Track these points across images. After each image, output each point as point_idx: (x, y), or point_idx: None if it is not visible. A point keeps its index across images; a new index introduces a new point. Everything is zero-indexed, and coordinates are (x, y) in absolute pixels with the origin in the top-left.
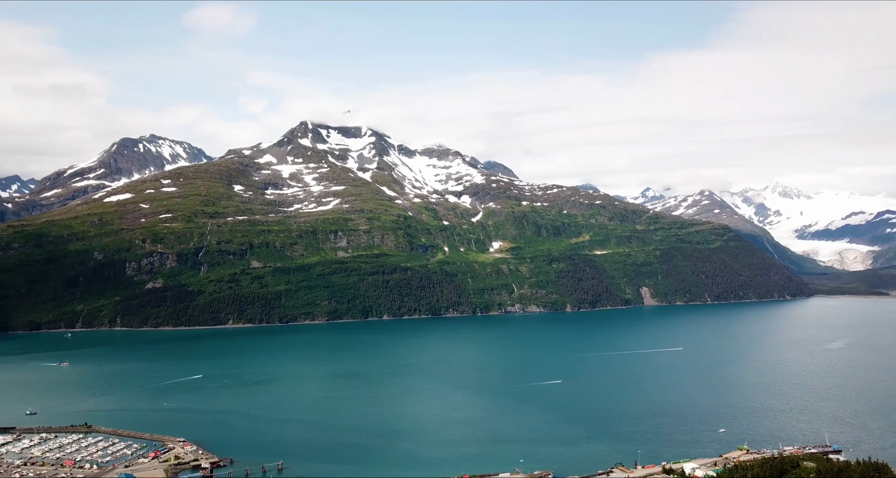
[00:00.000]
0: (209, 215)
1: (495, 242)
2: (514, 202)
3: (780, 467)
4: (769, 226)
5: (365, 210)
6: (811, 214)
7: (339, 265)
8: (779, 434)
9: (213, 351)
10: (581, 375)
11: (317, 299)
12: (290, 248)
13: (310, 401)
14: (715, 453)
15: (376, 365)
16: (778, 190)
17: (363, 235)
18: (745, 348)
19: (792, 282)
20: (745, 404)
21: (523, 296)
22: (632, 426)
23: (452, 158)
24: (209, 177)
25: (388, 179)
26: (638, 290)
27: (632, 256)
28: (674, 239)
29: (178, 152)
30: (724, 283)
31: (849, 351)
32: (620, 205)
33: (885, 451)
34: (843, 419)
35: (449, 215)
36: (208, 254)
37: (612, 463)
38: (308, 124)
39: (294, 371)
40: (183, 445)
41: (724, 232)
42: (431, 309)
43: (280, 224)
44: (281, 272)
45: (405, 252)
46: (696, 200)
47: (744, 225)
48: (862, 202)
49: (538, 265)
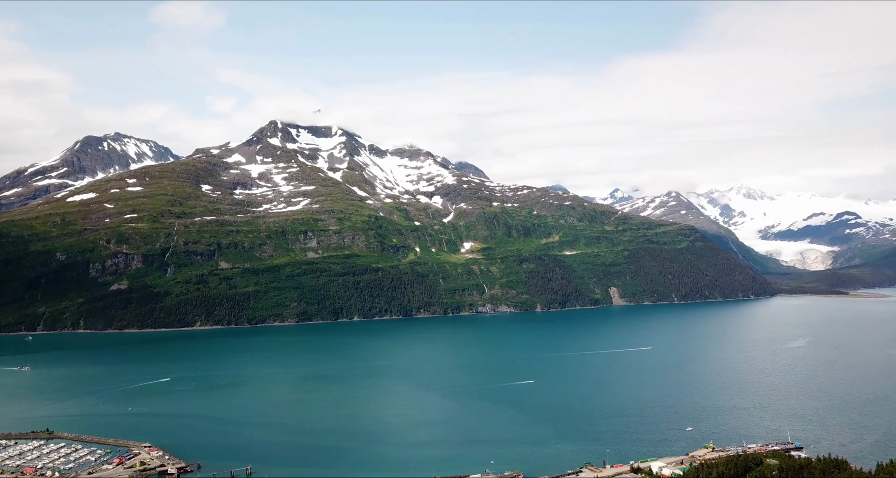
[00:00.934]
0: (176, 215)
1: (466, 243)
2: (485, 203)
3: (744, 464)
4: (734, 226)
5: (335, 210)
6: (774, 215)
7: (308, 266)
8: (743, 432)
9: (180, 354)
10: (553, 375)
11: (286, 301)
12: (260, 248)
13: (279, 404)
14: (682, 451)
15: (347, 367)
16: (742, 191)
17: (333, 236)
18: (712, 348)
19: (756, 282)
20: (711, 402)
21: (494, 296)
22: (601, 426)
23: (424, 158)
24: (176, 176)
25: (358, 179)
26: (607, 290)
27: (601, 256)
28: (642, 240)
29: (144, 151)
30: (691, 283)
31: (809, 349)
32: (589, 206)
33: (845, 447)
34: (805, 417)
35: (420, 216)
36: (175, 255)
37: (581, 463)
38: (277, 123)
39: (263, 373)
40: (149, 450)
41: (691, 233)
42: (402, 310)
43: (249, 224)
44: (250, 273)
45: (376, 253)
46: (664, 201)
47: (709, 226)
48: (822, 204)
49: (509, 266)
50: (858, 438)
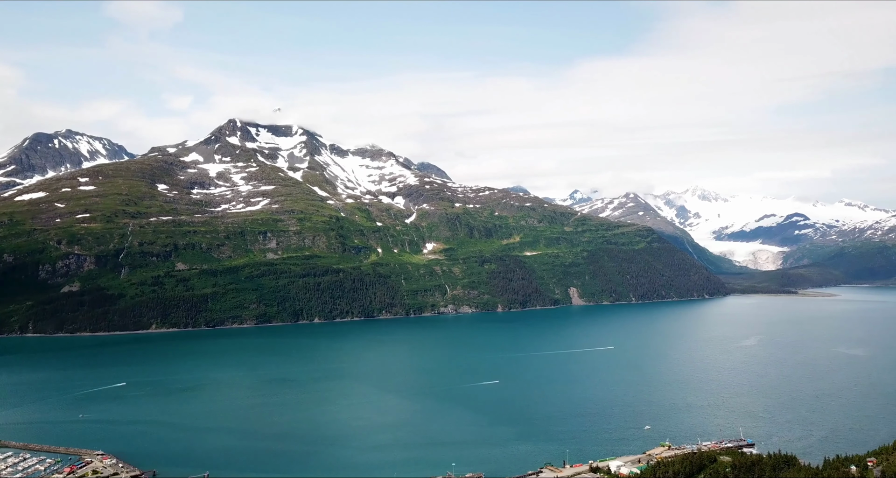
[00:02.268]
0: (131, 215)
1: (429, 244)
2: (447, 204)
3: (698, 462)
4: (689, 227)
5: (295, 211)
6: (728, 217)
7: (268, 267)
8: (698, 430)
9: (135, 357)
10: (518, 375)
11: (245, 302)
12: (217, 249)
13: (238, 408)
14: (639, 450)
15: (307, 369)
16: (697, 193)
17: (294, 237)
18: (669, 347)
19: (710, 282)
20: (668, 401)
21: (456, 297)
22: (562, 426)
23: (386, 158)
24: (131, 175)
25: (319, 178)
26: (566, 290)
27: (560, 257)
28: (600, 240)
29: (97, 149)
30: (648, 283)
31: (761, 348)
32: (550, 207)
33: (793, 443)
34: (756, 414)
35: (382, 216)
36: (130, 256)
37: (541, 463)
38: (236, 122)
39: (221, 377)
40: (101, 458)
41: (648, 234)
42: (364, 311)
43: (207, 225)
44: (207, 274)
45: (337, 254)
46: (622, 203)
47: (666, 227)
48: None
49: (470, 266)
50: (807, 434)
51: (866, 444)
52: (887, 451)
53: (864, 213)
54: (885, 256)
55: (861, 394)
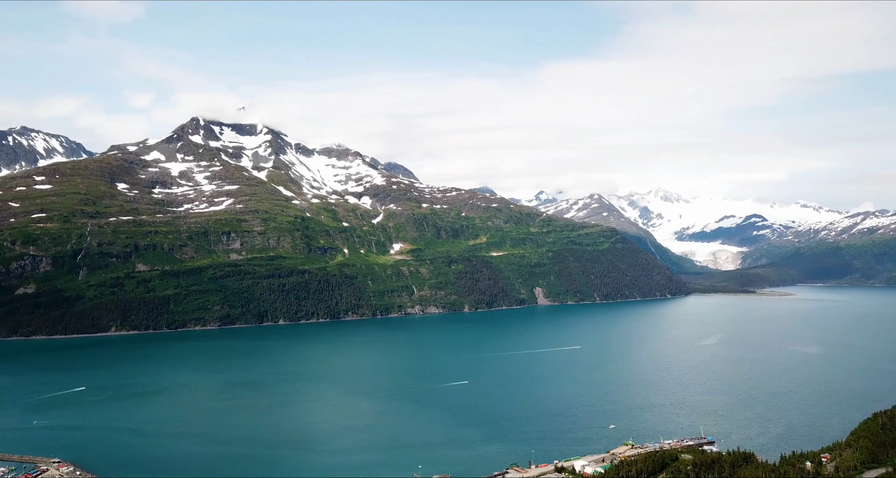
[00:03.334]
0: (89, 215)
1: (396, 244)
2: (414, 204)
3: (660, 461)
4: (652, 228)
5: (260, 211)
6: (689, 218)
7: (232, 268)
8: (660, 428)
9: (94, 361)
10: (487, 375)
11: (208, 304)
12: (180, 250)
13: (201, 412)
14: (603, 449)
15: (272, 372)
16: (660, 194)
17: (258, 237)
18: (632, 346)
19: (672, 282)
20: (631, 400)
21: (423, 297)
22: (528, 426)
23: (352, 158)
24: (89, 174)
25: (284, 178)
26: (532, 290)
27: (526, 257)
28: (565, 241)
29: (54, 147)
30: (612, 283)
31: (721, 347)
32: (516, 208)
33: (752, 440)
34: (716, 412)
35: (349, 217)
36: (88, 257)
37: (507, 464)
38: (199, 120)
39: (184, 381)
40: (58, 466)
41: (612, 234)
42: (330, 312)
43: (168, 225)
44: (169, 276)
45: (303, 254)
46: (587, 204)
47: (629, 227)
48: (733, 207)
49: (438, 267)
50: (764, 431)
51: (820, 440)
52: (840, 447)
53: (818, 214)
54: (838, 257)
55: (815, 391)
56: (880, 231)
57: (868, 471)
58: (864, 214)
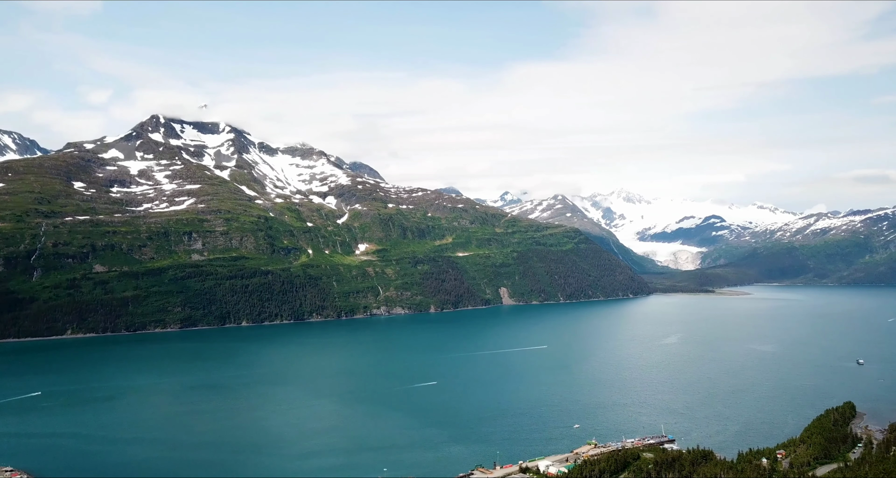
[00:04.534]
0: (44, 215)
1: (361, 245)
2: (380, 204)
3: (623, 460)
4: (614, 228)
5: (222, 210)
6: (650, 218)
7: (193, 269)
8: (622, 427)
9: (49, 365)
10: (456, 376)
11: (169, 305)
12: (139, 250)
13: (161, 417)
14: (567, 448)
15: (235, 375)
16: (623, 195)
17: (220, 237)
18: (596, 345)
19: (634, 281)
20: (594, 399)
21: (389, 298)
22: (493, 427)
23: (317, 157)
24: (44, 172)
25: (247, 177)
26: (497, 290)
27: (491, 257)
28: (530, 241)
29: (6, 144)
30: (575, 283)
31: (681, 346)
32: (481, 208)
33: (711, 438)
34: (677, 410)
35: (313, 217)
36: (43, 257)
37: (472, 465)
38: (160, 118)
39: (143, 385)
40: (11, 475)
41: (576, 235)
42: (294, 314)
43: (127, 225)
44: (128, 277)
45: (266, 255)
46: (551, 204)
47: (592, 228)
48: (692, 208)
49: (403, 267)
50: (723, 429)
51: (776, 437)
52: (794, 443)
53: (774, 215)
54: (793, 257)
55: (771, 389)
56: (832, 232)
57: (821, 467)
58: (817, 216)
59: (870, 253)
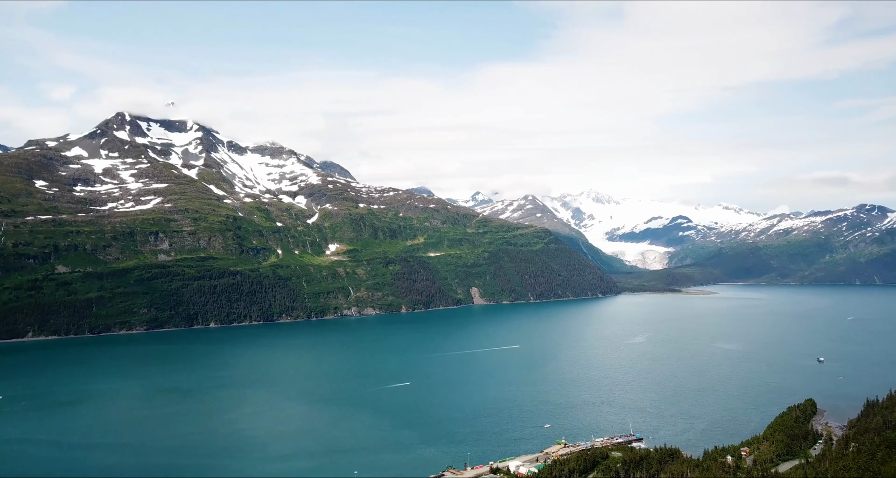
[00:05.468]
0: (4, 214)
1: (332, 245)
2: (351, 204)
3: (591, 459)
4: (584, 229)
5: (190, 210)
6: (619, 218)
7: (160, 269)
8: (591, 427)
9: (9, 368)
10: (429, 376)
11: (134, 307)
12: (104, 251)
13: (126, 421)
14: (537, 448)
15: (203, 377)
16: (592, 196)
17: (188, 237)
18: (566, 345)
19: (603, 281)
20: (564, 398)
21: (360, 299)
22: (465, 427)
23: (287, 156)
24: (4, 170)
25: (216, 176)
26: (468, 290)
27: (462, 257)
28: (501, 242)
29: None
30: (545, 282)
31: (649, 345)
32: (453, 209)
33: (678, 436)
34: (644, 409)
35: (283, 216)
36: (2, 258)
37: (443, 466)
38: (125, 115)
39: (108, 388)
40: None
41: (546, 235)
42: (263, 315)
43: (92, 224)
44: (92, 278)
45: (235, 255)
46: (521, 205)
47: (562, 228)
48: (660, 208)
49: (375, 268)
50: (689, 427)
51: (741, 434)
52: (758, 440)
53: (739, 216)
54: (757, 256)
55: (736, 387)
56: (794, 232)
57: (783, 463)
58: (780, 217)
59: (830, 253)
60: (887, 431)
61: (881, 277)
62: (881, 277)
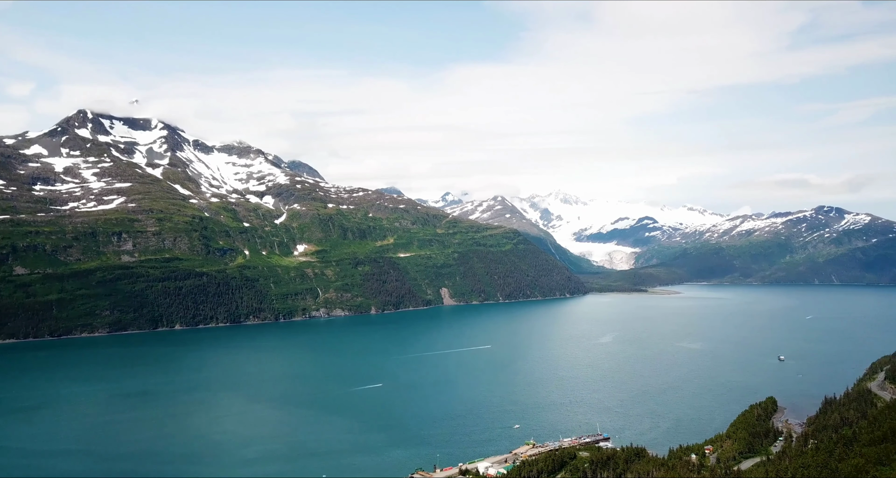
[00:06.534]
0: None
1: (300, 245)
2: (319, 204)
3: (560, 460)
4: (552, 229)
5: (154, 210)
6: (587, 219)
7: (123, 271)
8: (560, 427)
9: None
10: (400, 377)
11: (97, 309)
12: (64, 251)
13: (88, 427)
14: (506, 449)
15: (167, 381)
16: (560, 197)
17: (152, 238)
18: (535, 345)
19: (571, 281)
20: (533, 399)
21: (328, 300)
22: (434, 429)
23: (254, 156)
24: None
25: (181, 176)
26: (438, 291)
27: (432, 258)
28: (470, 242)
29: None
30: (514, 283)
31: (615, 345)
32: (423, 209)
33: (644, 435)
34: (612, 408)
35: (250, 217)
36: None
37: (413, 468)
38: (87, 113)
39: (68, 393)
40: None
41: (515, 236)
42: (230, 316)
43: (52, 224)
44: (52, 279)
45: (201, 256)
46: (490, 205)
47: (531, 228)
48: (627, 209)
49: (344, 268)
50: (655, 425)
51: (704, 432)
52: (721, 438)
53: (703, 217)
54: (720, 257)
55: (700, 385)
56: (756, 233)
57: (745, 461)
58: (743, 218)
59: (790, 253)
60: (844, 428)
61: (838, 277)
62: (838, 277)
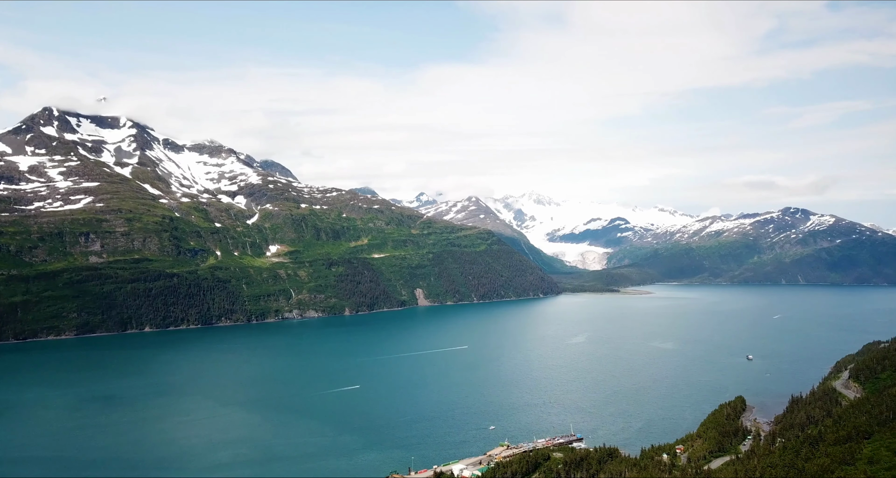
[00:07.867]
0: None
1: (273, 246)
2: (292, 204)
3: (534, 461)
4: (526, 229)
5: (123, 210)
6: (560, 220)
7: (91, 272)
8: (533, 428)
9: None
10: (376, 379)
11: (64, 311)
12: (30, 252)
13: (53, 433)
14: (480, 451)
15: (136, 384)
16: (533, 197)
17: (121, 238)
18: (509, 346)
19: (544, 281)
20: (506, 400)
21: (302, 301)
22: (409, 431)
23: (226, 155)
24: None
25: (151, 175)
26: (413, 291)
27: (407, 259)
28: (445, 243)
29: None
30: (488, 283)
31: (588, 345)
32: (397, 209)
33: (616, 435)
34: (585, 409)
35: (222, 217)
36: None
37: (387, 471)
38: (53, 110)
39: (32, 398)
40: None
41: (489, 236)
42: (202, 318)
43: (16, 225)
44: (17, 281)
45: (171, 257)
46: (465, 206)
47: (505, 229)
48: (599, 210)
49: (317, 269)
50: (627, 426)
51: (675, 432)
52: (692, 438)
53: (674, 218)
54: (690, 257)
55: (671, 385)
56: (725, 234)
57: (715, 460)
58: (712, 219)
59: (758, 254)
60: (810, 426)
61: (805, 277)
62: (805, 277)
